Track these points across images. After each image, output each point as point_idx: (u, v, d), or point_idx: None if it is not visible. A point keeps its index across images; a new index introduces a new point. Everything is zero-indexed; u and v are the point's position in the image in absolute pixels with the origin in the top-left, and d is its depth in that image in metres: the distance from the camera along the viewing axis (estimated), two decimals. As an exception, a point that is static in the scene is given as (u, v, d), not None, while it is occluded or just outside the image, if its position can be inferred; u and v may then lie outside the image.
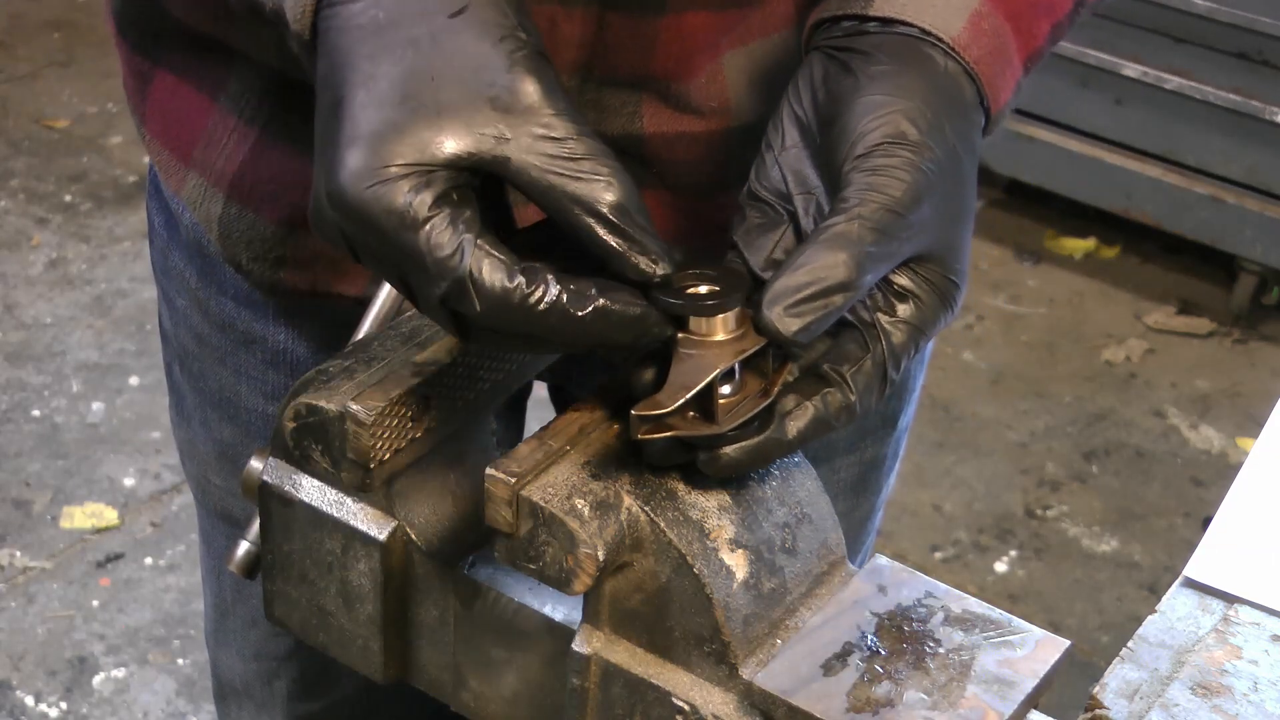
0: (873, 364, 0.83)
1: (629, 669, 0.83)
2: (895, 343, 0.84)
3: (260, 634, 1.36)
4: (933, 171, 0.83)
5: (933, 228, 0.84)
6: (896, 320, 0.85)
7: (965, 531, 3.05)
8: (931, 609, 0.85)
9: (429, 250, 0.78)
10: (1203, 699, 0.91)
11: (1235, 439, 3.30)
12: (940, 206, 0.84)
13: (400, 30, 0.82)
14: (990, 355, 3.52)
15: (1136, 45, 3.51)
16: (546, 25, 0.99)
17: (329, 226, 0.82)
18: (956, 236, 0.86)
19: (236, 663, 1.40)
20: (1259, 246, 3.52)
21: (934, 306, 0.86)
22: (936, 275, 0.85)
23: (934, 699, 0.80)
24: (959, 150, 0.85)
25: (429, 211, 0.78)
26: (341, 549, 0.93)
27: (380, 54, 0.81)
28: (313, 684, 1.38)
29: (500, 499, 0.81)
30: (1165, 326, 3.64)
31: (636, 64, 1.03)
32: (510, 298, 0.78)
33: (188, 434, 1.33)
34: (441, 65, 0.81)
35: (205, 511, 1.36)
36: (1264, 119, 3.42)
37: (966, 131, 0.87)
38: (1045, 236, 3.88)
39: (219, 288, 1.21)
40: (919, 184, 0.82)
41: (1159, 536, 3.06)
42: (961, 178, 0.86)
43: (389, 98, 0.80)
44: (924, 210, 0.82)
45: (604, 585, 0.83)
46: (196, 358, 1.26)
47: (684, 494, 0.82)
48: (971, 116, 0.88)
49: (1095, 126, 3.63)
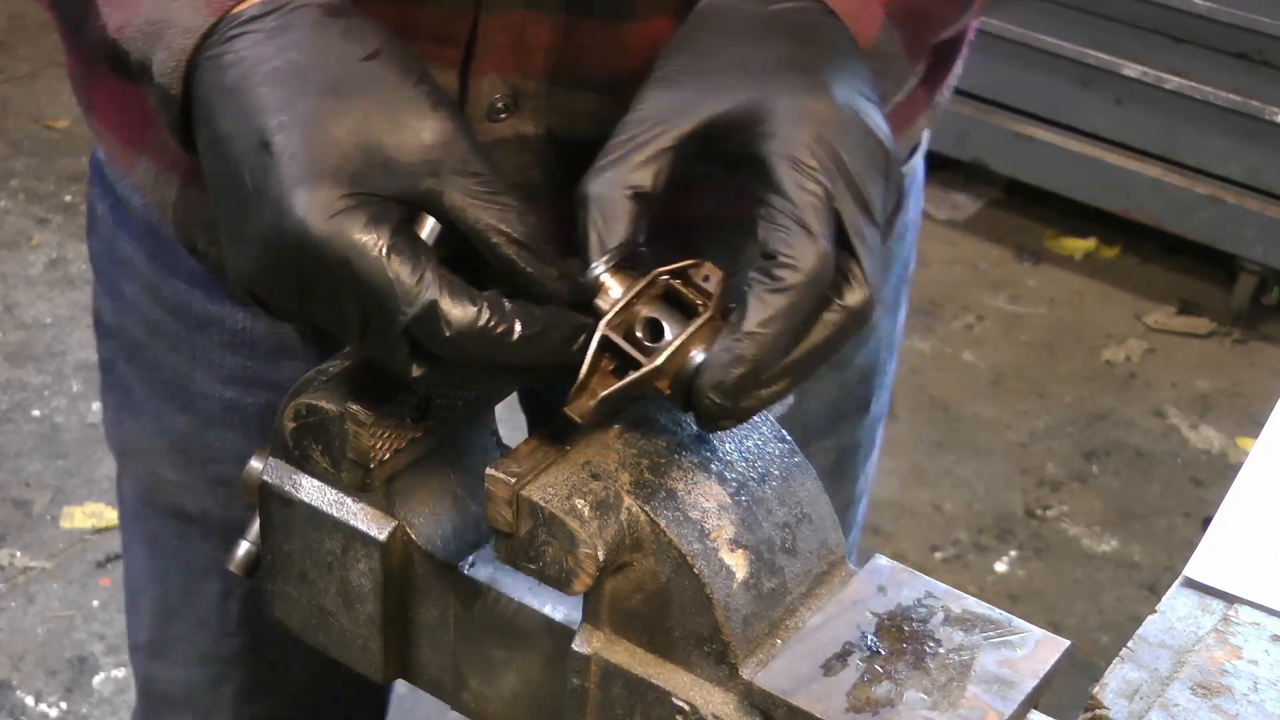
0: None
1: (629, 669, 0.83)
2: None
3: (209, 636, 1.33)
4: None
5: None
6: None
7: (965, 531, 3.05)
8: (931, 609, 0.85)
9: (398, 277, 0.79)
10: (1203, 699, 0.91)
11: (1235, 439, 3.29)
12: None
13: (316, 74, 0.83)
14: (990, 355, 3.52)
15: (1136, 45, 3.50)
16: (515, 31, 0.99)
17: (279, 272, 0.82)
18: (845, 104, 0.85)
19: (179, 671, 1.37)
20: (1259, 246, 3.52)
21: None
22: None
23: (934, 699, 0.80)
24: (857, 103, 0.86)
25: (392, 239, 0.79)
26: (341, 549, 0.93)
27: (302, 97, 0.82)
28: (260, 685, 1.37)
29: (500, 499, 0.81)
30: (1165, 326, 3.64)
31: (607, 69, 1.02)
32: (477, 321, 0.80)
33: (135, 429, 1.30)
34: (371, 106, 0.82)
35: (152, 511, 1.32)
36: (1264, 119, 3.42)
37: (851, 71, 0.88)
38: (1045, 236, 3.88)
39: (171, 270, 1.19)
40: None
41: (1159, 536, 3.06)
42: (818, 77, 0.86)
43: (328, 136, 0.81)
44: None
45: (604, 585, 0.83)
46: (146, 347, 1.24)
47: (684, 494, 0.82)
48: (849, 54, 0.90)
49: (1095, 126, 3.63)
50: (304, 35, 0.84)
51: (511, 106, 1.02)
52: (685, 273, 0.82)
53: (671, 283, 0.82)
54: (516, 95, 1.02)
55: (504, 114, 1.02)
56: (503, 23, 0.99)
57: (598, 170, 0.84)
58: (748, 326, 0.78)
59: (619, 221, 0.83)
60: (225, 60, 0.84)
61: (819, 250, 0.80)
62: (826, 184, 0.81)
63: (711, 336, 0.80)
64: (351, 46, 0.84)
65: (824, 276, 0.80)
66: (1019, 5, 3.59)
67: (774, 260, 0.79)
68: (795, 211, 0.80)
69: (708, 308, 0.81)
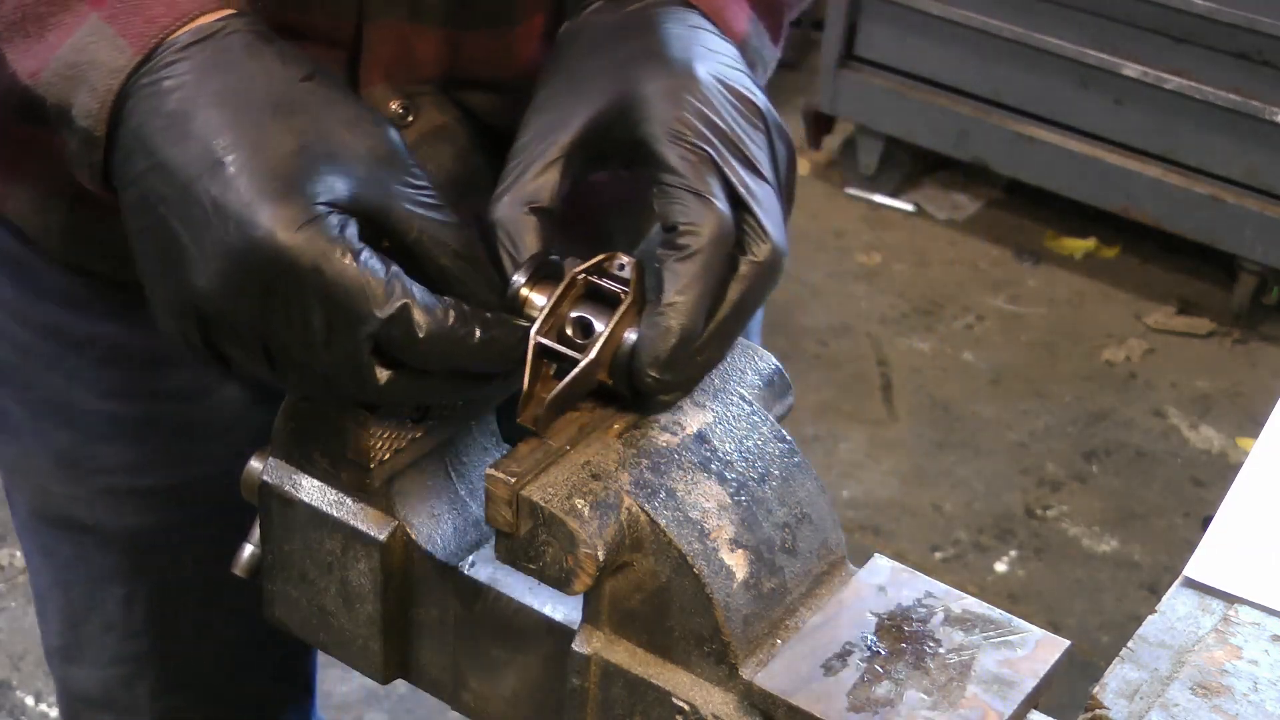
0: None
1: (629, 669, 0.83)
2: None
3: (117, 638, 1.34)
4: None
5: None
6: None
7: (965, 531, 3.05)
8: (931, 609, 0.85)
9: (369, 281, 0.80)
10: (1203, 699, 0.91)
11: (1235, 439, 3.29)
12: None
13: (256, 95, 0.84)
14: (990, 355, 3.52)
15: (1136, 45, 3.50)
16: (400, 43, 1.01)
17: (243, 287, 0.82)
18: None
19: (93, 672, 1.37)
20: (1259, 246, 3.52)
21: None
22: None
23: (934, 699, 0.80)
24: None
25: (358, 244, 0.81)
26: (341, 549, 0.93)
27: (248, 116, 0.83)
28: (175, 681, 1.37)
29: (500, 499, 0.81)
30: (1165, 326, 3.64)
31: (496, 71, 1.05)
32: (445, 323, 0.82)
33: (19, 448, 1.29)
34: (316, 123, 0.84)
35: (43, 524, 1.32)
36: (1264, 119, 3.42)
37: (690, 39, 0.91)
38: (1045, 236, 3.88)
39: (39, 295, 1.18)
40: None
41: (1159, 536, 3.06)
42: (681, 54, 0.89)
43: (283, 151, 0.82)
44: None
45: (604, 585, 0.83)
46: (19, 370, 1.23)
47: (684, 494, 0.82)
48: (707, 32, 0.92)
49: (1095, 126, 3.63)
50: (240, 59, 0.86)
51: (412, 109, 1.04)
52: (600, 266, 0.85)
53: (590, 279, 0.84)
54: (412, 101, 1.04)
55: (409, 118, 1.04)
56: (386, 33, 1.01)
57: (497, 196, 0.87)
58: (667, 298, 0.81)
59: (525, 237, 0.86)
60: (164, 87, 0.84)
61: (715, 211, 0.83)
62: (706, 149, 0.84)
63: (638, 319, 0.83)
64: (288, 69, 0.86)
65: (726, 234, 0.83)
66: (1019, 5, 3.60)
67: (676, 231, 0.83)
68: (684, 181, 0.83)
69: (629, 294, 0.83)
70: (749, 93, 0.88)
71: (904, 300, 3.67)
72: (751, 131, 0.87)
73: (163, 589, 1.30)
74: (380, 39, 1.01)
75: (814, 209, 3.98)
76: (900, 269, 3.77)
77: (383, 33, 1.01)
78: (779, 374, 0.94)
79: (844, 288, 3.70)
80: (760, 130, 0.87)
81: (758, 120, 0.88)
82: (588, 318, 0.84)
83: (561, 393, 0.82)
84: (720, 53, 0.91)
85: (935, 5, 3.68)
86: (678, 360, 0.82)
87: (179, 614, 1.32)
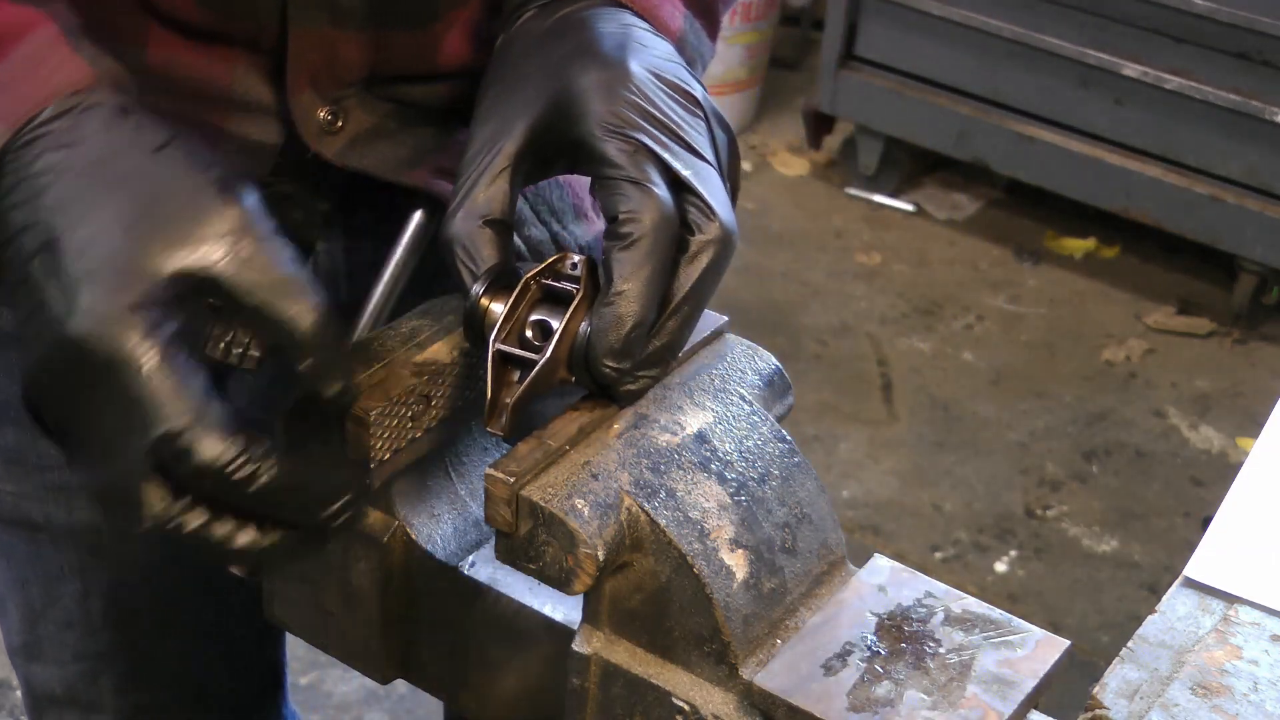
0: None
1: (629, 669, 0.83)
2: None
3: (76, 635, 1.33)
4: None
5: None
6: None
7: (965, 531, 3.05)
8: (931, 609, 0.85)
9: (156, 393, 0.78)
10: (1203, 699, 0.90)
11: (1235, 439, 3.30)
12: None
13: (107, 168, 0.84)
14: (990, 355, 3.52)
15: (1136, 45, 3.50)
16: (326, 50, 1.02)
17: (54, 376, 0.81)
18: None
19: (55, 670, 1.37)
20: (1259, 246, 3.52)
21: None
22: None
23: (934, 699, 0.80)
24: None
25: (165, 350, 0.79)
26: (342, 549, 0.93)
27: (91, 194, 0.83)
28: (138, 676, 1.37)
29: (500, 499, 0.81)
30: (1165, 326, 3.64)
31: (422, 67, 1.06)
32: (220, 458, 0.79)
33: None
34: (159, 197, 0.83)
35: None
36: (1264, 119, 3.42)
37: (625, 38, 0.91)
38: (1045, 236, 3.88)
39: None
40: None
41: (1159, 536, 3.06)
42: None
43: (113, 234, 0.81)
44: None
45: (604, 585, 0.83)
46: None
47: (684, 494, 0.82)
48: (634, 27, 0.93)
49: (1095, 126, 3.63)
50: (96, 132, 0.85)
51: (341, 115, 1.05)
52: (553, 268, 0.86)
53: (543, 282, 0.85)
54: (340, 106, 1.05)
55: (339, 124, 1.05)
56: (311, 39, 1.02)
57: (450, 215, 0.88)
58: (616, 287, 0.82)
59: (481, 250, 0.87)
60: (23, 162, 0.85)
61: (654, 197, 0.83)
62: (641, 138, 0.85)
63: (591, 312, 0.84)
64: (143, 139, 0.86)
65: (668, 218, 0.83)
66: (1019, 5, 3.60)
67: (618, 221, 0.83)
68: (622, 171, 0.84)
69: (579, 290, 0.84)
70: (684, 83, 0.89)
71: (904, 300, 3.67)
72: (689, 118, 0.87)
73: (118, 585, 1.30)
74: (305, 46, 1.02)
75: (814, 209, 3.98)
76: (900, 269, 3.77)
77: (307, 40, 1.02)
78: (779, 374, 0.94)
79: (844, 288, 3.70)
80: (699, 117, 0.88)
81: (695, 108, 0.88)
82: (546, 320, 0.85)
83: (523, 396, 0.82)
84: (653, 48, 0.91)
85: (935, 5, 3.68)
86: (632, 347, 0.83)
87: (137, 609, 1.32)
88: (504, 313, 0.84)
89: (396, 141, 1.08)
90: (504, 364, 0.83)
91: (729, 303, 3.51)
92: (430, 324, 0.92)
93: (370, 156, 1.06)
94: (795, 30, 4.55)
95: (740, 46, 4.10)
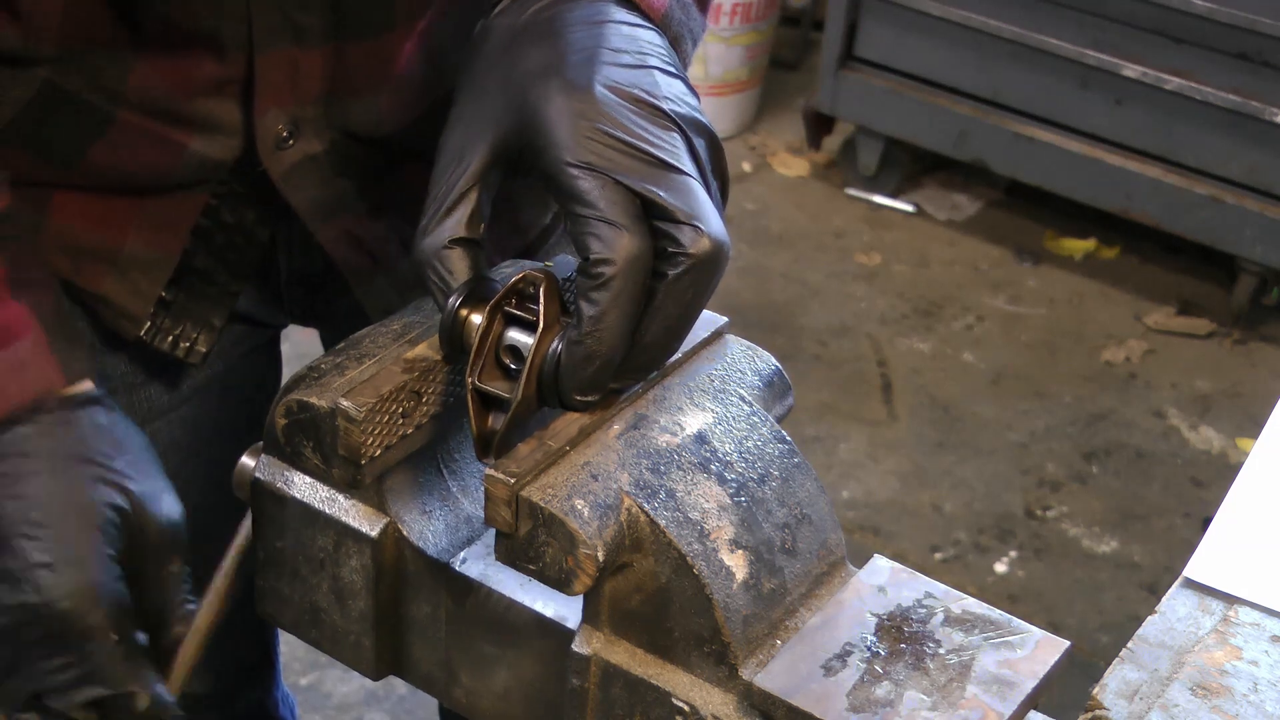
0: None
1: (629, 669, 0.83)
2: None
3: None
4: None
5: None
6: None
7: (965, 531, 3.05)
8: (931, 609, 0.85)
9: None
10: (1203, 699, 0.90)
11: (1235, 439, 3.29)
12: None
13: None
14: (990, 355, 3.52)
15: (1136, 45, 3.50)
16: (289, 68, 1.06)
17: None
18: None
19: None
20: (1259, 246, 3.52)
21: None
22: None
23: (934, 699, 0.80)
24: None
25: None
26: (333, 545, 0.92)
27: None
28: None
29: (500, 499, 0.81)
30: (1165, 327, 3.64)
31: (380, 76, 1.10)
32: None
33: None
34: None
35: None
36: (1264, 119, 3.42)
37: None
38: (1045, 237, 3.88)
39: None
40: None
41: (1159, 536, 3.06)
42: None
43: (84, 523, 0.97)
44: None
45: (604, 585, 0.82)
46: None
47: (684, 494, 0.82)
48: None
49: (1095, 126, 3.63)
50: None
51: (295, 133, 1.09)
52: (516, 291, 0.86)
53: (509, 310, 0.86)
54: (297, 122, 1.09)
55: (290, 140, 1.09)
56: (276, 60, 1.05)
57: (420, 234, 0.89)
58: (585, 328, 0.82)
59: (454, 267, 0.88)
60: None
61: (625, 236, 0.83)
62: (608, 170, 0.84)
63: (558, 334, 0.84)
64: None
65: (640, 255, 0.83)
66: (1019, 5, 3.60)
67: (590, 262, 0.83)
68: (591, 211, 0.83)
69: (539, 320, 0.85)
70: (649, 97, 0.87)
71: (904, 300, 3.67)
72: (660, 134, 0.86)
73: None
74: (271, 68, 1.06)
75: (814, 209, 3.98)
76: (900, 269, 3.77)
77: (273, 61, 1.05)
78: (779, 374, 0.94)
79: (844, 288, 3.70)
80: (671, 129, 0.86)
81: (665, 121, 0.87)
82: (517, 344, 0.86)
83: (505, 431, 0.84)
84: (625, 51, 0.90)
85: (935, 5, 3.68)
86: (600, 380, 0.84)
87: None
88: (473, 346, 0.85)
89: (325, 182, 1.12)
90: (480, 400, 0.85)
91: (729, 303, 3.51)
92: (421, 321, 0.92)
93: (299, 194, 1.11)
94: (795, 31, 4.55)
95: (740, 47, 4.10)
